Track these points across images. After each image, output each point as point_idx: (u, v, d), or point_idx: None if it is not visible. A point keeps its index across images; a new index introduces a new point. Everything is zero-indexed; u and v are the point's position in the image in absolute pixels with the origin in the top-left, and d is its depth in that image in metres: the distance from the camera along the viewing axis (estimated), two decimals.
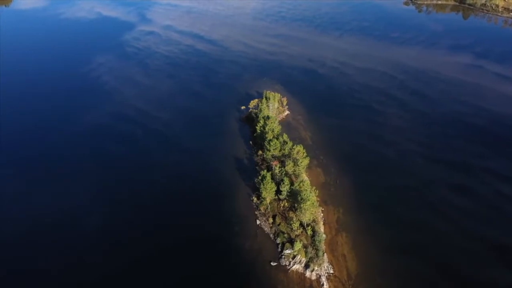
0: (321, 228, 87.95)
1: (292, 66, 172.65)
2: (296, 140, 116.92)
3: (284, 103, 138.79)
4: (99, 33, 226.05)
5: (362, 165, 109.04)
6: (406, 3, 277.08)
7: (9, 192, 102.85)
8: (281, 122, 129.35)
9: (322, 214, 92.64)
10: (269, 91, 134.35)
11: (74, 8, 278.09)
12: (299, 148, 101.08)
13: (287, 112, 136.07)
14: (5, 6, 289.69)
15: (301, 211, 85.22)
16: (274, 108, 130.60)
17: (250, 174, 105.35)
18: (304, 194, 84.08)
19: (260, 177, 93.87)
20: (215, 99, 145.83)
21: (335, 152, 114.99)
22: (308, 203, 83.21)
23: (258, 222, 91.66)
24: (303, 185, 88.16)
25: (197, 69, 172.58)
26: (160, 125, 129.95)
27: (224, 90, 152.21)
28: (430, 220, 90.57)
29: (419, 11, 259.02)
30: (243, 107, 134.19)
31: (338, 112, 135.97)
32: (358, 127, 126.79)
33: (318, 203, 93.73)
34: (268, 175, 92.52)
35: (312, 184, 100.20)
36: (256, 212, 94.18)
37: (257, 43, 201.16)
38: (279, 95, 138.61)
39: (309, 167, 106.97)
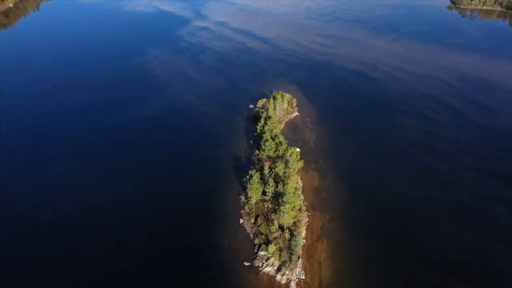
0: (302, 232, 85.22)
1: (342, 68, 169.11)
2: (298, 142, 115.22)
3: (294, 104, 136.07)
4: (155, 27, 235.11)
5: (364, 171, 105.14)
6: (449, 8, 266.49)
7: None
8: (288, 123, 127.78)
9: (307, 219, 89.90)
10: (279, 91, 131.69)
11: (133, 2, 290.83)
12: (293, 150, 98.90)
13: (296, 113, 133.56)
14: None
15: (280, 214, 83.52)
16: (282, 109, 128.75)
17: (245, 173, 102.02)
18: (286, 197, 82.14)
19: (248, 177, 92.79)
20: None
21: (337, 157, 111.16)
22: (288, 206, 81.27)
23: (241, 221, 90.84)
24: (286, 187, 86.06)
25: (246, 67, 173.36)
26: (206, 120, 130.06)
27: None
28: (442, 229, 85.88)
29: (463, 16, 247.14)
30: (251, 106, 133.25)
31: (375, 116, 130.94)
32: (391, 132, 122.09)
33: (305, 207, 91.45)
34: (256, 175, 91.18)
35: (304, 188, 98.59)
36: (241, 211, 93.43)
37: (308, 43, 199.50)
38: (289, 95, 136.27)
39: (305, 170, 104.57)
